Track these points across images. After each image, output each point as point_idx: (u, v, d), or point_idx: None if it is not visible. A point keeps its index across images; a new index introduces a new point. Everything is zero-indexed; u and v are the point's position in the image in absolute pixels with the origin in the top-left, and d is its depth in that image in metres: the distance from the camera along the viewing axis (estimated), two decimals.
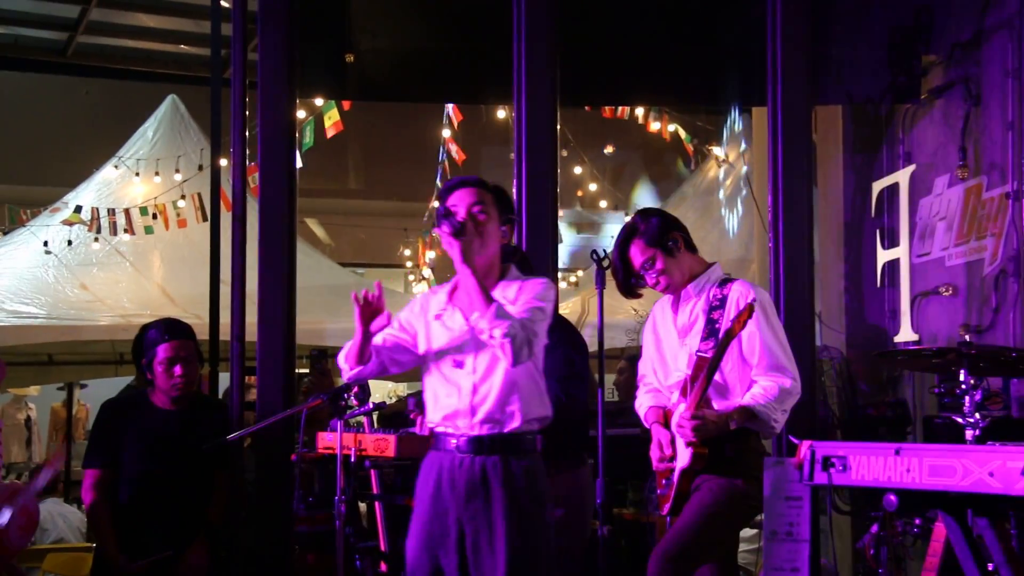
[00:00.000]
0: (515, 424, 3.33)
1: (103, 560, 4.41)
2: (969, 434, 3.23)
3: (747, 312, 3.52)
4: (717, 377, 3.68)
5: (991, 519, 2.78)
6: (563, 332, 4.12)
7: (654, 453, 3.90)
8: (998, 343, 5.37)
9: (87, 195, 9.69)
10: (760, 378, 3.70)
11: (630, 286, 3.93)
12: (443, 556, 3.31)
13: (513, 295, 3.36)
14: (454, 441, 3.35)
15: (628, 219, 4.06)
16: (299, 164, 7.96)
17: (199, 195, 8.82)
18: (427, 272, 10.99)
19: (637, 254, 3.86)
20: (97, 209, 9.26)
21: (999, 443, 3.02)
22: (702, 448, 3.66)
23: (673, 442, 3.83)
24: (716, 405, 3.74)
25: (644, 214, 3.97)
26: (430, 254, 10.93)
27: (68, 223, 9.17)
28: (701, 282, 3.91)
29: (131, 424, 4.49)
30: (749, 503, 3.79)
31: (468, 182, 3.45)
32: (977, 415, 3.32)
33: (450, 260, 3.31)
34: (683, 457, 3.75)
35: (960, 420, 3.27)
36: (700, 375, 3.65)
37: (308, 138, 7.89)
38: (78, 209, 9.25)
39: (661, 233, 3.87)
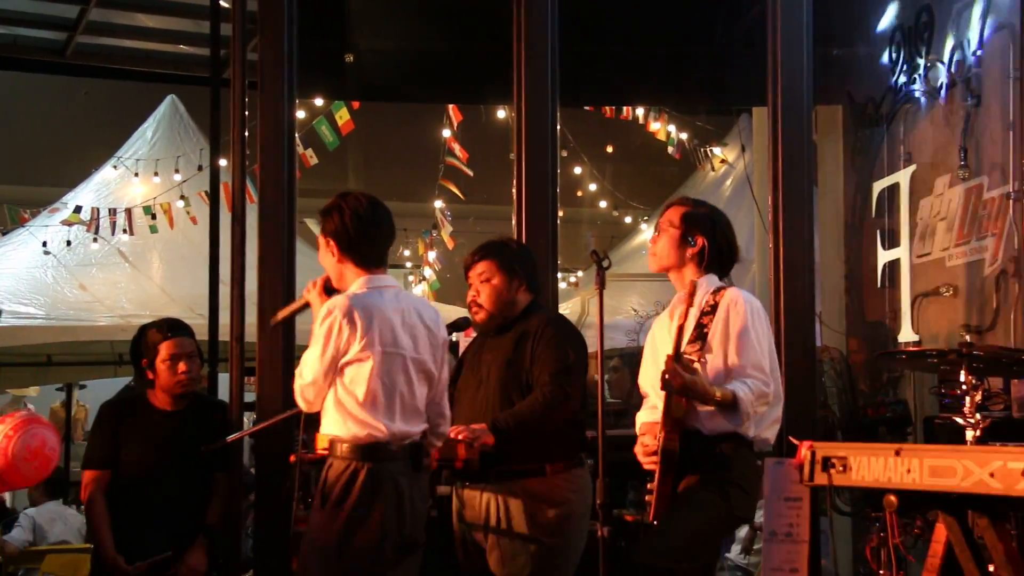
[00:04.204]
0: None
1: (101, 562, 4.40)
2: (970, 435, 3.23)
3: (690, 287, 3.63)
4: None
5: (992, 520, 2.77)
6: (559, 329, 4.11)
7: (639, 449, 3.88)
8: (999, 343, 5.36)
9: (86, 195, 9.70)
10: (743, 375, 3.68)
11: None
12: None
13: None
14: None
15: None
16: (315, 161, 8.03)
17: (206, 192, 8.82)
18: (428, 272, 10.99)
19: (672, 215, 3.83)
20: (97, 209, 9.26)
21: (1000, 444, 3.02)
22: (673, 443, 3.62)
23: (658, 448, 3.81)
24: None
25: (701, 202, 3.96)
26: (431, 254, 10.93)
27: (67, 223, 9.18)
28: (701, 294, 3.86)
29: (130, 425, 4.47)
30: (734, 514, 3.74)
31: None
32: (978, 416, 3.31)
33: (448, 260, 3.34)
34: (659, 454, 3.70)
35: (961, 421, 3.27)
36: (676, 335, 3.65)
37: (331, 138, 7.91)
38: (77, 209, 9.25)
39: (697, 223, 3.83)
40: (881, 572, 3.58)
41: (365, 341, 3.50)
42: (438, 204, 10.31)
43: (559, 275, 5.49)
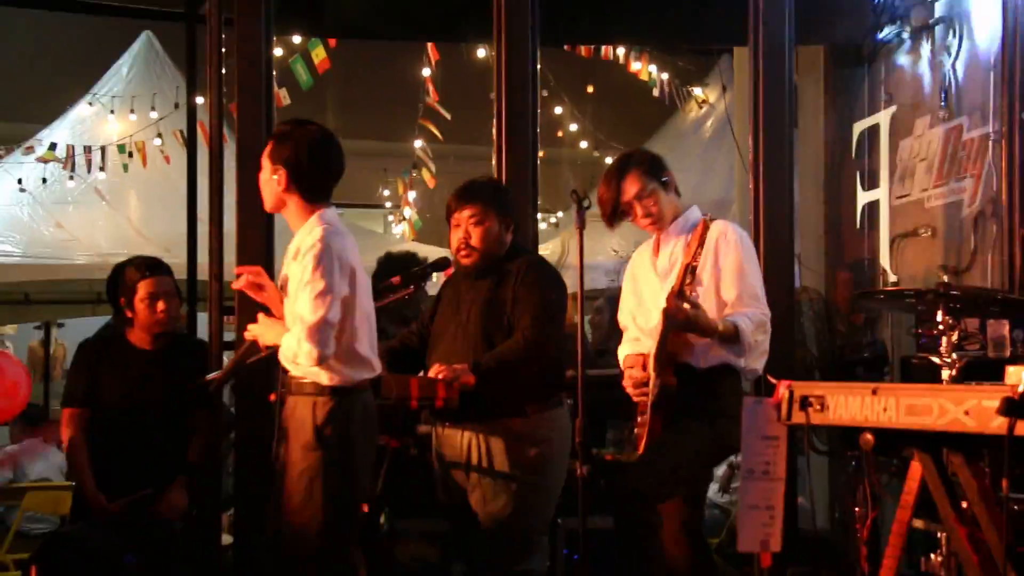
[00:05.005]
0: None
1: (82, 499, 4.41)
2: (946, 374, 3.26)
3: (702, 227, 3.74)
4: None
5: (966, 457, 2.80)
6: (541, 272, 4.11)
7: (627, 382, 3.94)
8: (976, 284, 5.40)
9: (61, 132, 9.59)
10: (739, 306, 3.76)
11: (615, 216, 3.99)
12: None
13: None
14: None
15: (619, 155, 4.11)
16: (287, 102, 7.94)
17: (181, 132, 8.72)
18: (408, 212, 10.94)
19: (633, 183, 3.92)
20: (72, 147, 9.16)
21: (975, 383, 3.05)
22: (670, 379, 3.70)
23: (647, 379, 3.87)
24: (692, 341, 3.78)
25: (639, 151, 4.10)
26: (411, 194, 10.88)
27: (43, 160, 9.08)
28: (681, 224, 3.96)
29: (109, 363, 4.47)
30: (724, 443, 3.84)
31: None
32: (954, 355, 3.35)
33: (428, 200, 3.33)
34: (653, 390, 3.78)
35: (937, 360, 3.30)
36: (681, 272, 3.76)
37: (305, 77, 7.80)
38: (52, 147, 9.15)
39: (658, 167, 3.97)
40: (856, 510, 3.63)
41: (350, 275, 3.51)
42: (418, 144, 10.24)
43: (539, 216, 5.47)
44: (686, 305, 3.65)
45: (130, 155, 9.12)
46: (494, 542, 3.97)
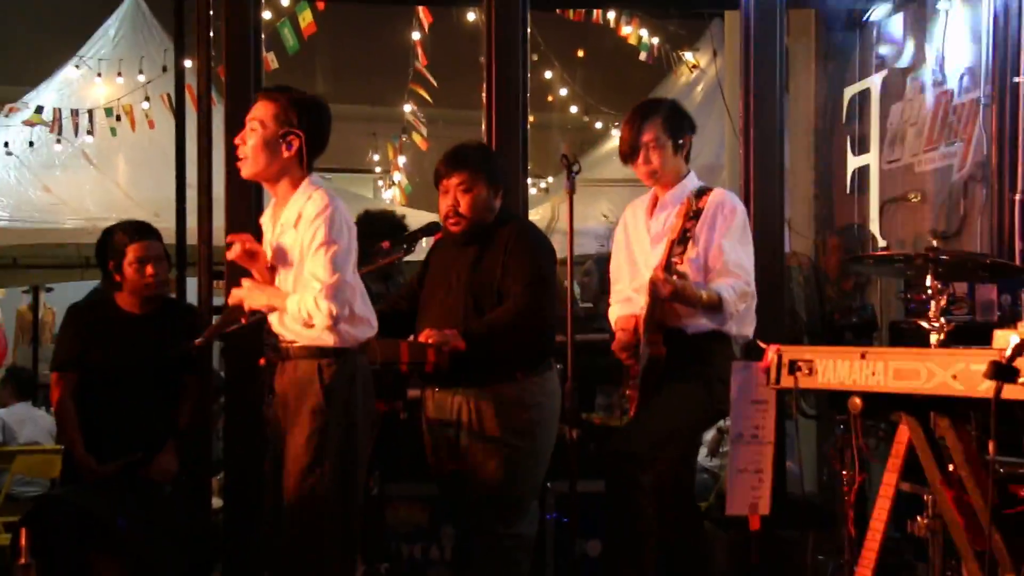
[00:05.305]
0: None
1: (71, 462, 4.42)
2: (934, 338, 3.27)
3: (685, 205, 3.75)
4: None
5: (953, 421, 2.82)
6: (530, 239, 4.10)
7: (617, 345, 3.96)
8: (965, 249, 5.41)
9: (48, 95, 9.51)
10: (725, 275, 3.79)
11: (632, 155, 4.00)
12: None
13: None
14: None
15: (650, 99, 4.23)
16: (275, 65, 7.89)
17: (169, 95, 8.66)
18: (397, 177, 10.91)
19: (650, 130, 3.94)
20: (59, 110, 9.09)
21: (963, 347, 3.06)
22: (659, 348, 3.74)
23: (638, 345, 3.89)
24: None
25: (670, 102, 4.13)
26: (401, 159, 10.84)
27: (29, 123, 9.01)
28: (679, 190, 3.97)
29: (98, 327, 4.46)
30: (715, 407, 3.87)
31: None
32: (942, 320, 3.35)
33: (418, 165, 3.32)
34: (643, 358, 3.82)
35: (925, 325, 3.30)
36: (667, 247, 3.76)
37: (292, 41, 7.75)
38: (39, 110, 9.08)
39: (679, 127, 4.01)
40: (844, 473, 3.65)
41: (352, 234, 3.52)
42: (408, 108, 10.20)
43: (529, 181, 5.45)
44: (674, 278, 3.66)
45: (118, 118, 9.06)
46: (485, 506, 3.99)
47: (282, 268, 3.54)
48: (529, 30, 5.28)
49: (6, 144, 8.93)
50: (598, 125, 12.63)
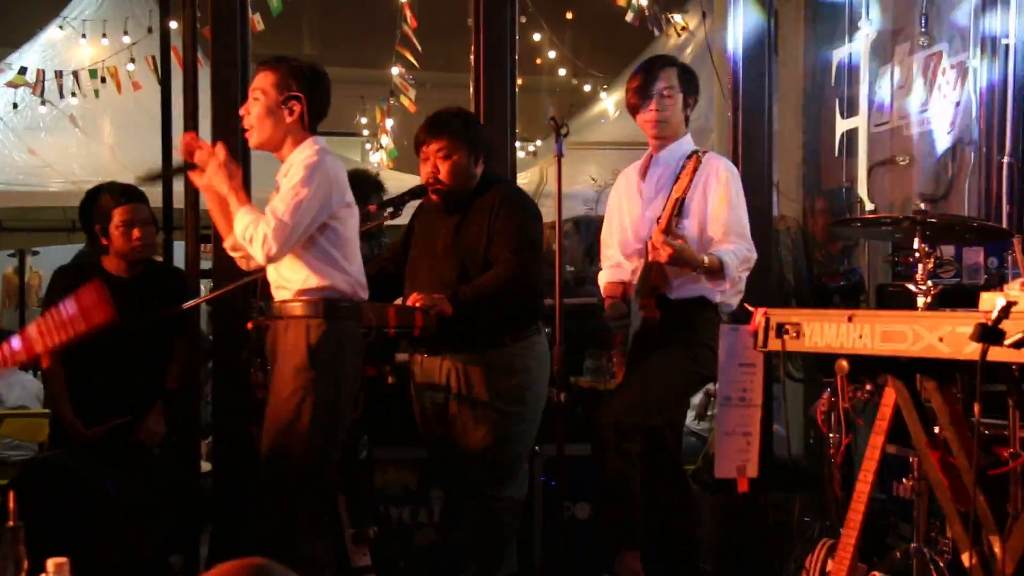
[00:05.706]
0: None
1: (59, 425, 4.41)
2: (921, 301, 3.27)
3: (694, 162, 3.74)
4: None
5: (939, 383, 2.83)
6: (516, 203, 4.09)
7: (609, 312, 3.97)
8: (952, 212, 5.42)
9: (31, 56, 9.43)
10: (726, 243, 3.80)
11: (644, 95, 3.99)
12: None
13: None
14: None
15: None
16: (261, 27, 7.82)
17: (153, 57, 8.59)
18: (385, 140, 10.85)
19: (666, 78, 3.96)
20: (42, 71, 9.01)
21: (950, 310, 3.07)
22: (653, 312, 3.76)
23: (628, 310, 3.90)
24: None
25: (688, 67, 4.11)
26: (389, 122, 10.77)
27: (12, 85, 8.94)
28: (675, 148, 3.96)
29: None
30: (701, 372, 3.88)
31: None
32: (929, 283, 3.36)
33: (406, 128, 3.30)
34: (635, 322, 3.83)
35: (912, 288, 3.31)
36: (670, 207, 3.78)
37: (275, 3, 7.68)
38: (22, 71, 8.99)
39: (692, 84, 4.04)
40: (831, 436, 3.67)
41: (346, 196, 3.51)
42: (395, 71, 10.13)
43: (517, 144, 5.42)
44: (678, 241, 3.68)
45: (103, 80, 8.98)
46: (474, 470, 4.00)
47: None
48: None
49: None
50: (586, 88, 12.58)
